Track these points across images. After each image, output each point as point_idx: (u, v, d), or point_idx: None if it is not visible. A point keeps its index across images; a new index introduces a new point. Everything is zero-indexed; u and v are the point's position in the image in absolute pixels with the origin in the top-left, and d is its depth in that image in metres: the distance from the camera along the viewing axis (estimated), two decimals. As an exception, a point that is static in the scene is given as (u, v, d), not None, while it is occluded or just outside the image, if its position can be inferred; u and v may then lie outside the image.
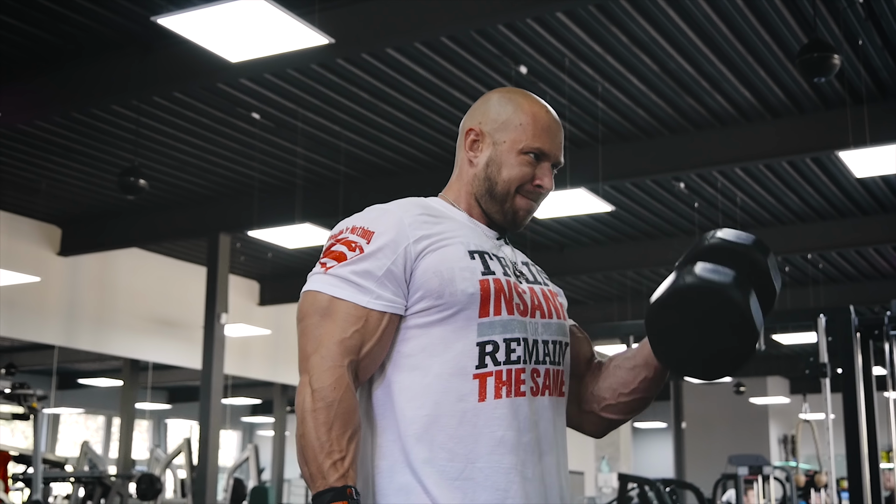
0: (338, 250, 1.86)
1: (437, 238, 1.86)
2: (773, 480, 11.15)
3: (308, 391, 1.73)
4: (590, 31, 8.15)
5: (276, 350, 17.43)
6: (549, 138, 1.97)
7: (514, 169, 1.95)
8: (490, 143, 1.99)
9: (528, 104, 1.99)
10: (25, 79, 8.78)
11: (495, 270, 1.87)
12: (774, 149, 10.03)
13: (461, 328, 1.81)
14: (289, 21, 6.06)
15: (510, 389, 1.81)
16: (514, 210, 1.97)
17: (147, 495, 13.22)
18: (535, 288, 1.96)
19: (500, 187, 1.96)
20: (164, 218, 12.92)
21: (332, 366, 1.74)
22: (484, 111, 2.02)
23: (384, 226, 1.85)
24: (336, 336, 1.77)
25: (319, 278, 1.85)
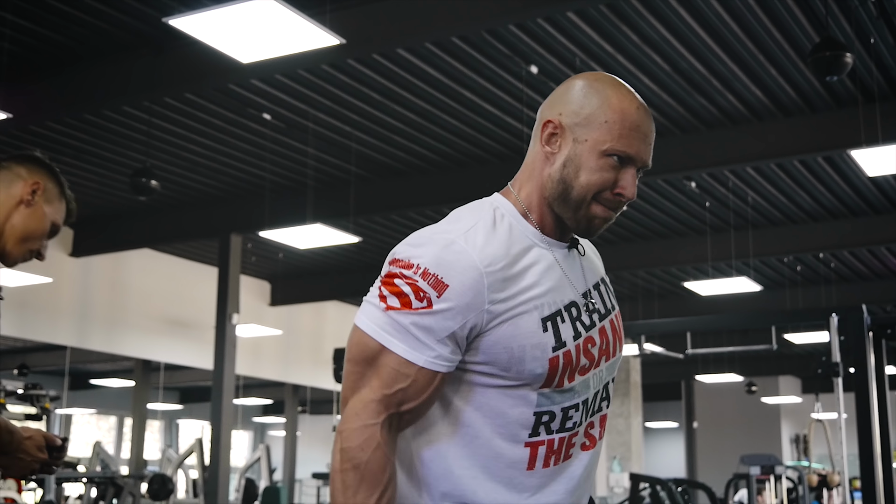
0: (403, 290, 1.65)
1: (513, 304, 1.68)
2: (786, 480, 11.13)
3: (338, 448, 1.64)
4: (601, 31, 8.15)
5: (287, 350, 17.46)
6: (637, 140, 1.74)
7: (593, 173, 1.73)
8: (570, 140, 1.75)
9: (618, 98, 1.75)
10: (37, 80, 8.81)
11: (566, 341, 1.72)
12: (786, 148, 10.01)
13: (521, 398, 1.70)
14: (300, 22, 6.06)
15: (559, 458, 1.74)
16: (590, 218, 1.76)
17: (159, 495, 13.26)
18: (605, 327, 1.82)
19: (575, 192, 1.74)
20: (175, 219, 12.95)
21: (363, 425, 1.63)
22: (566, 101, 1.78)
23: (462, 283, 1.64)
24: (377, 392, 1.65)
25: (376, 316, 1.67)
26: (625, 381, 19.87)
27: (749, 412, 24.15)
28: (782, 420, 24.55)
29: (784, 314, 14.87)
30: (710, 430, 24.52)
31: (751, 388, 21.50)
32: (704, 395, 24.68)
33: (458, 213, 1.78)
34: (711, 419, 24.62)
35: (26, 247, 2.39)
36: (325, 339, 17.73)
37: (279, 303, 16.86)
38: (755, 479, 10.89)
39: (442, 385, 1.69)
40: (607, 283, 1.93)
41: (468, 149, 10.74)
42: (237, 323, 12.70)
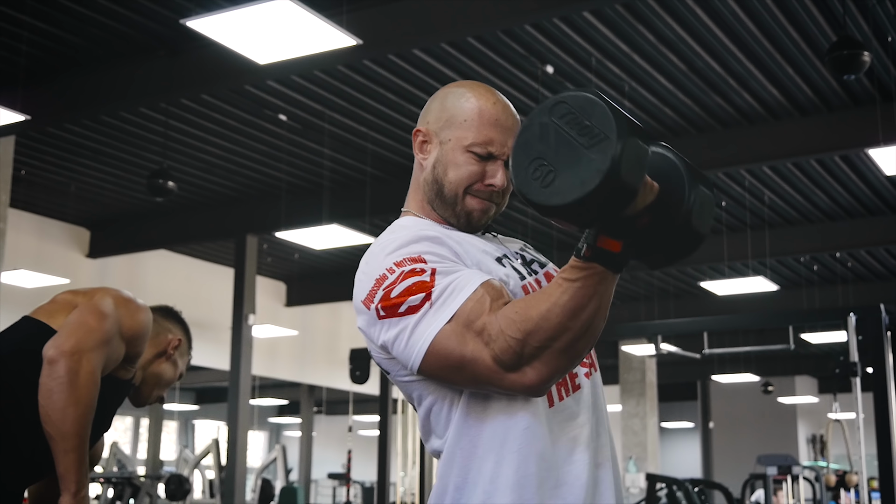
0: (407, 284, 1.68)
1: (468, 249, 1.79)
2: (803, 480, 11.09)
3: (520, 348, 1.58)
4: (617, 31, 8.14)
5: (303, 351, 17.49)
6: (497, 133, 1.82)
7: (460, 169, 1.82)
8: (437, 143, 1.86)
9: (475, 97, 1.85)
10: (55, 82, 8.85)
11: (524, 274, 1.82)
12: (803, 147, 9.98)
13: None
14: (316, 22, 6.07)
15: (568, 389, 1.77)
16: (467, 212, 1.84)
17: (176, 496, 13.28)
18: (549, 272, 1.90)
19: (447, 189, 1.84)
20: (191, 219, 12.99)
21: (495, 320, 1.60)
22: (431, 110, 1.90)
23: (425, 247, 1.72)
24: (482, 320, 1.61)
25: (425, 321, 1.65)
26: (640, 381, 19.82)
27: (765, 412, 24.07)
28: (799, 420, 24.47)
29: (801, 314, 14.83)
30: (726, 431, 24.45)
31: (767, 388, 21.42)
32: (720, 395, 24.60)
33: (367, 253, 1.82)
34: (727, 419, 24.55)
35: (158, 392, 2.72)
36: (340, 340, 17.74)
37: (295, 303, 16.89)
38: (772, 480, 10.86)
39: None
40: (530, 248, 1.99)
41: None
42: (253, 323, 12.73)
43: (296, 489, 16.07)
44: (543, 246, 12.75)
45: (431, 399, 1.76)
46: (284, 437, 31.20)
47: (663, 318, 16.65)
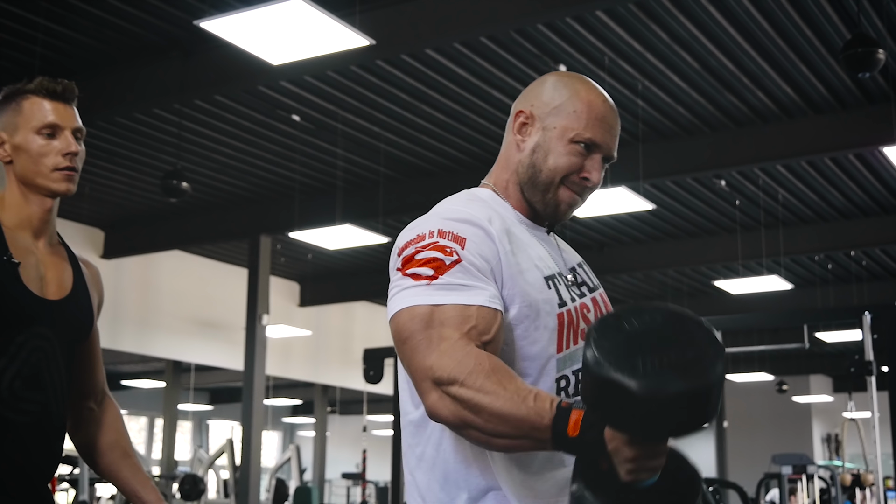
0: (430, 257, 1.70)
1: (520, 258, 1.77)
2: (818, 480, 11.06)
3: (457, 386, 1.57)
4: (630, 30, 8.12)
5: (316, 351, 17.51)
6: (603, 129, 1.85)
7: (561, 157, 1.84)
8: (540, 128, 1.87)
9: (586, 91, 1.86)
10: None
11: (566, 300, 1.80)
12: (817, 145, 9.95)
13: (544, 365, 1.74)
14: (330, 23, 6.08)
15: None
16: (557, 202, 1.86)
17: (190, 496, 13.33)
18: (596, 298, 1.90)
19: (544, 175, 1.85)
20: (205, 220, 13.02)
21: (466, 352, 1.60)
22: (537, 94, 1.90)
23: (475, 234, 1.73)
24: (455, 334, 1.63)
25: (418, 291, 1.68)
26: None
27: (780, 411, 24.00)
28: (813, 419, 24.38)
29: (816, 312, 14.78)
30: (740, 430, 24.33)
31: (781, 387, 21.35)
32: (734, 394, 24.48)
33: (439, 204, 1.85)
34: (742, 418, 24.43)
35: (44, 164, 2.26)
36: (354, 340, 17.76)
37: (308, 303, 16.91)
38: (787, 479, 10.83)
39: (502, 328, 1.70)
40: (586, 266, 2.00)
41: (497, 149, 10.54)
42: (267, 324, 12.75)
43: (310, 489, 16.09)
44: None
45: None
46: (298, 437, 31.22)
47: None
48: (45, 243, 2.35)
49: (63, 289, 2.31)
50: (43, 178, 2.28)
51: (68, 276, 2.36)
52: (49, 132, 2.27)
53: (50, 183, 2.29)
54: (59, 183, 2.29)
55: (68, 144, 2.28)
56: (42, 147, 2.26)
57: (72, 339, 2.34)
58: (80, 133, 2.33)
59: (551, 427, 1.52)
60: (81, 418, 2.48)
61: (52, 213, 2.36)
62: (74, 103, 2.35)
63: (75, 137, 2.32)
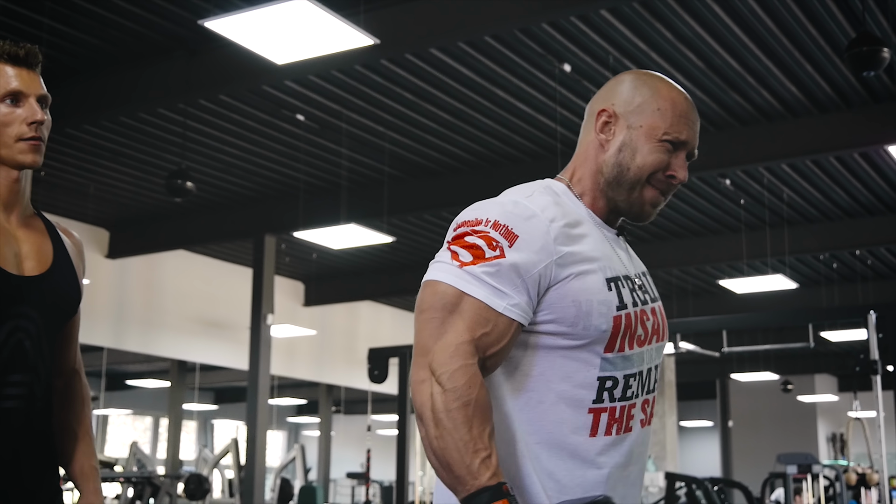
0: (475, 243, 1.71)
1: (579, 259, 1.75)
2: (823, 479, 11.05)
3: (439, 390, 1.61)
4: (634, 28, 8.12)
5: (321, 350, 17.52)
6: (687, 126, 1.86)
7: (649, 155, 1.83)
8: (624, 127, 1.86)
9: (667, 89, 1.88)
10: (74, 84, 8.89)
11: (627, 304, 1.79)
12: (821, 144, 9.94)
13: (585, 361, 1.74)
14: (334, 22, 6.08)
15: (620, 427, 1.77)
16: (642, 201, 1.86)
17: (195, 495, 13.34)
18: (655, 308, 1.89)
19: (631, 173, 1.84)
20: (210, 220, 13.03)
21: (464, 364, 1.63)
22: (618, 92, 1.89)
23: (530, 233, 1.72)
24: (465, 335, 1.65)
25: (451, 270, 1.70)
26: (659, 379, 19.69)
27: (785, 411, 23.99)
28: (818, 419, 24.37)
29: (821, 312, 14.77)
30: (745, 429, 24.37)
31: (786, 386, 21.36)
32: (739, 393, 24.53)
33: (511, 189, 1.84)
34: (747, 418, 24.46)
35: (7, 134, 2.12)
36: (359, 339, 17.77)
37: (313, 303, 16.92)
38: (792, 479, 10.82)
39: (516, 338, 1.72)
40: (649, 277, 1.99)
41: (501, 148, 10.73)
42: (271, 323, 12.76)
43: (315, 488, 16.10)
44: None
45: None
46: (303, 436, 31.26)
47: (682, 317, 16.60)
48: (18, 217, 2.17)
49: (43, 263, 2.16)
50: (7, 148, 2.11)
51: (47, 248, 2.19)
52: (12, 100, 2.11)
53: (15, 154, 2.11)
54: (25, 154, 2.12)
55: (33, 112, 2.11)
56: (5, 116, 2.10)
57: (60, 314, 2.21)
58: (45, 101, 2.16)
59: (466, 497, 1.57)
60: None
61: (21, 183, 2.16)
62: (38, 69, 2.17)
63: (40, 105, 2.15)
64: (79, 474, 2.23)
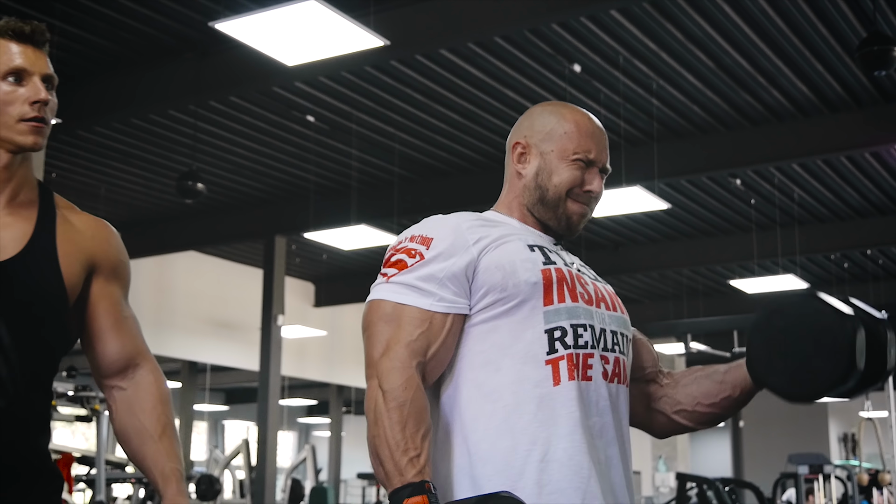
0: (398, 259, 1.89)
1: (495, 238, 1.89)
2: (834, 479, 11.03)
3: (379, 393, 1.75)
4: (644, 29, 8.11)
5: (331, 351, 17.53)
6: (594, 143, 2.00)
7: (563, 174, 1.98)
8: (537, 154, 2.02)
9: (570, 113, 2.03)
10: (85, 85, 8.91)
11: (556, 261, 1.91)
12: (832, 143, 9.92)
13: (527, 318, 1.83)
14: (344, 24, 6.09)
15: (580, 373, 1.83)
16: (568, 215, 2.00)
17: (207, 496, 13.34)
18: (597, 284, 1.98)
19: (551, 193, 1.99)
20: (220, 221, 13.05)
21: (401, 367, 1.76)
22: (528, 124, 2.07)
23: (442, 232, 1.88)
24: (402, 339, 1.79)
25: (382, 288, 1.87)
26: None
27: (796, 411, 23.89)
28: (830, 419, 24.31)
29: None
30: (756, 429, 24.31)
31: (798, 386, 21.28)
32: (750, 393, 24.47)
33: None
34: (757, 418, 24.38)
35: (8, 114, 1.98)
36: (369, 340, 17.76)
37: (323, 304, 16.94)
38: (803, 479, 10.80)
39: (456, 329, 1.85)
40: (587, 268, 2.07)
41: (511, 148, 10.71)
42: (282, 324, 12.78)
43: (326, 489, 16.12)
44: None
45: None
46: (313, 437, 31.28)
47: (692, 317, 16.59)
48: (6, 202, 1.97)
49: (10, 249, 1.93)
50: (7, 129, 1.95)
51: (26, 233, 1.97)
52: (15, 78, 1.96)
53: (14, 135, 1.96)
54: (26, 136, 1.96)
55: (37, 91, 1.97)
56: (7, 94, 1.96)
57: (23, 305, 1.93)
58: (51, 81, 2.01)
59: (391, 492, 1.69)
60: (110, 399, 2.13)
61: (13, 167, 1.99)
62: (46, 49, 2.03)
63: (46, 86, 2.00)
64: (159, 478, 2.07)
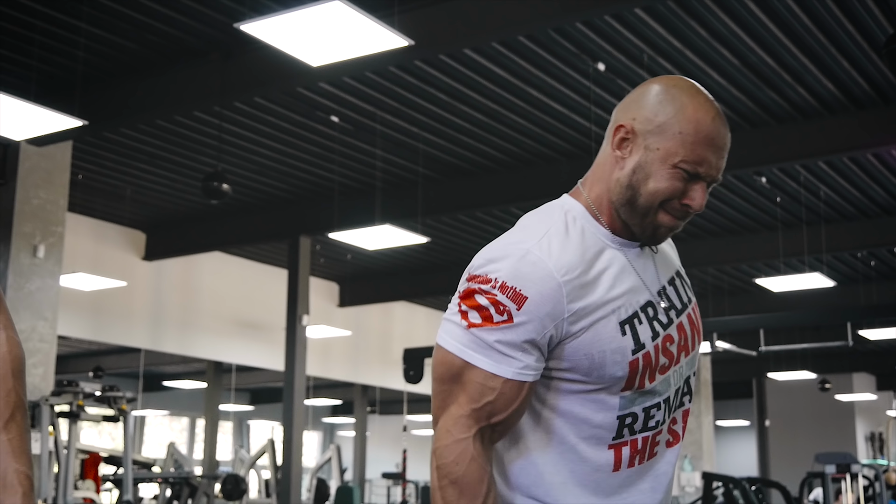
0: (483, 305, 1.67)
1: (591, 310, 1.69)
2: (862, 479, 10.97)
3: (434, 466, 1.67)
4: (668, 27, 8.09)
5: (356, 351, 17.57)
6: (710, 153, 1.72)
7: (662, 182, 1.71)
8: (641, 147, 1.73)
9: (693, 108, 1.72)
10: (111, 87, 8.97)
11: (645, 342, 1.73)
12: (858, 141, 9.86)
13: (603, 402, 1.72)
14: (369, 24, 6.09)
15: (643, 457, 1.76)
16: (655, 226, 1.76)
17: (232, 495, 13.40)
18: (682, 322, 1.82)
19: (642, 199, 1.73)
20: (245, 221, 13.09)
21: (455, 440, 1.65)
22: (640, 106, 1.75)
23: (541, 294, 1.65)
24: (466, 407, 1.67)
25: (458, 334, 1.69)
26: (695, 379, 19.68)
27: (822, 410, 23.80)
28: (857, 418, 24.15)
29: (859, 310, 14.65)
30: (782, 429, 24.20)
31: (824, 385, 21.17)
32: (776, 392, 24.36)
33: (528, 220, 1.78)
34: (784, 417, 24.29)
35: None
36: (393, 340, 17.81)
37: (348, 304, 16.96)
38: (831, 478, 10.75)
39: (530, 394, 1.70)
40: (683, 277, 1.93)
41: (536, 148, 10.72)
42: (307, 324, 12.81)
43: (352, 488, 16.15)
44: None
45: None
46: (338, 436, 31.35)
47: (718, 316, 16.52)
48: None
49: None
50: None
51: None
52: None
53: None
54: None
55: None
56: None
57: None
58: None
59: None
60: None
61: None
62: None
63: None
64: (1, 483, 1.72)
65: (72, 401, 9.10)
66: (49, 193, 9.74)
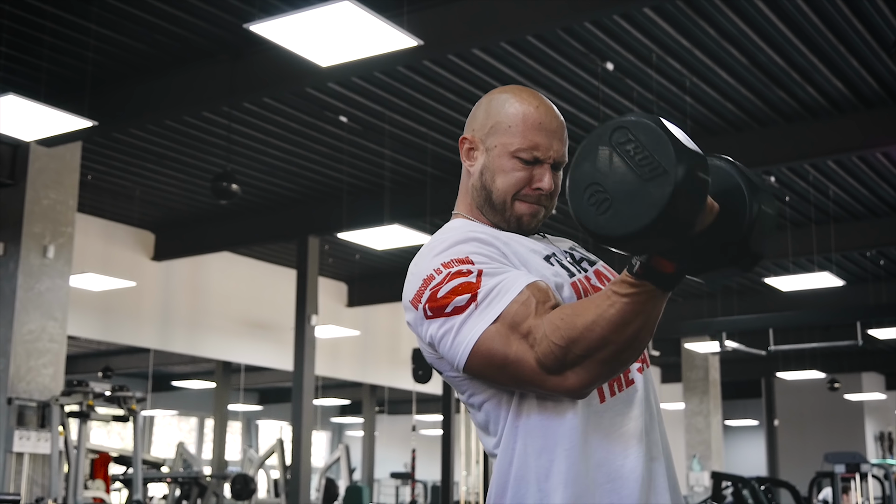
0: (454, 285, 1.70)
1: (515, 249, 1.80)
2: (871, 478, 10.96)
3: (566, 356, 1.59)
4: (677, 26, 8.08)
5: (364, 351, 17.58)
6: (541, 137, 1.84)
7: (507, 175, 1.85)
8: (483, 150, 1.89)
9: (518, 102, 1.87)
10: (120, 88, 8.99)
11: (573, 271, 1.83)
12: (868, 140, 9.84)
13: None
14: (378, 24, 6.10)
15: (621, 385, 1.78)
16: (517, 217, 1.87)
17: (242, 495, 13.44)
18: (599, 270, 1.91)
19: (496, 196, 1.86)
20: (254, 222, 13.12)
21: (542, 326, 1.62)
22: (475, 117, 1.92)
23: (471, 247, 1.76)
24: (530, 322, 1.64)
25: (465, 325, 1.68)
26: (703, 378, 19.67)
27: (831, 409, 23.76)
28: (866, 417, 24.11)
29: (868, 309, 14.62)
30: (791, 428, 24.17)
31: (833, 384, 21.14)
32: (785, 392, 24.33)
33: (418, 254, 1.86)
34: (793, 417, 24.26)
35: None
36: (402, 340, 17.81)
37: (356, 304, 16.98)
38: (840, 478, 10.74)
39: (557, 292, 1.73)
40: (580, 247, 2.00)
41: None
42: (315, 324, 12.82)
43: (361, 488, 16.17)
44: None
45: (483, 397, 1.78)
46: (346, 436, 31.36)
47: (727, 315, 16.50)
48: None
49: None
50: None
51: None
52: None
53: None
54: None
55: None
56: None
57: None
58: None
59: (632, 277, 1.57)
60: None
61: None
62: None
63: None
64: None
65: (82, 401, 9.13)
66: (59, 194, 9.77)
